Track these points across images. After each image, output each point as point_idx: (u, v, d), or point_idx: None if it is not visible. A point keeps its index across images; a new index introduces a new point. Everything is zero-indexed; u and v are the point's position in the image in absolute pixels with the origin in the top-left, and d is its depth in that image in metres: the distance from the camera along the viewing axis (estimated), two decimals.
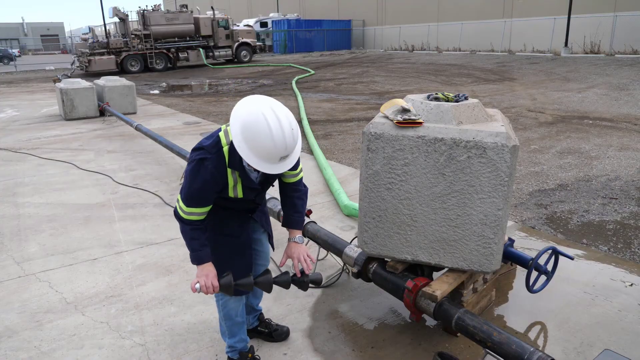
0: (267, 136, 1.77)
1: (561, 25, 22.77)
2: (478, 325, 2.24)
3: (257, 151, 1.81)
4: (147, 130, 6.98)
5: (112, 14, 24.05)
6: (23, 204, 5.01)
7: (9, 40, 64.94)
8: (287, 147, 1.83)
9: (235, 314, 2.35)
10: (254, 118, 1.78)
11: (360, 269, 2.81)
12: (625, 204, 4.65)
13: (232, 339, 2.41)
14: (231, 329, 2.38)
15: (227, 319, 2.35)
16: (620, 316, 2.81)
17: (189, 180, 1.95)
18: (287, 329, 2.72)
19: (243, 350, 2.43)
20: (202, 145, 1.95)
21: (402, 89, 14.01)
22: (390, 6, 34.52)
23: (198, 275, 2.04)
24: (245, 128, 1.79)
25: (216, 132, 2.01)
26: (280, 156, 1.84)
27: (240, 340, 2.42)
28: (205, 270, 2.04)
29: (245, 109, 1.83)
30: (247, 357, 2.42)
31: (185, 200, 1.97)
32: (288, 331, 2.71)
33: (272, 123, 1.77)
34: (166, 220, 4.50)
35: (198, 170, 1.91)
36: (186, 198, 1.97)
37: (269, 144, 1.78)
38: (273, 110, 1.81)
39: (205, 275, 2.02)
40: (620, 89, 12.13)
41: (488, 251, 2.43)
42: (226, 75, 20.95)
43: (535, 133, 7.79)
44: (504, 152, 2.26)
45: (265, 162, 1.83)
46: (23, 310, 3.03)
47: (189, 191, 1.96)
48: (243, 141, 1.80)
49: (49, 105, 12.68)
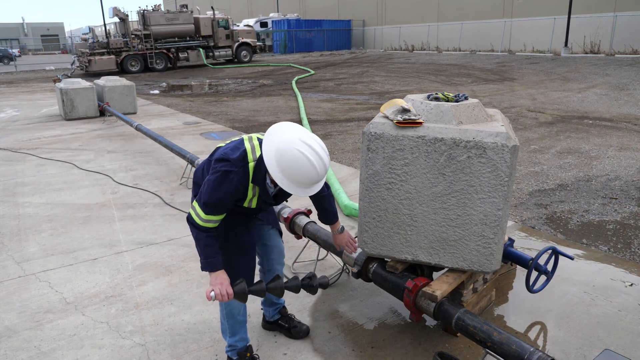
0: (308, 169, 1.89)
1: (561, 25, 22.78)
2: (478, 325, 2.24)
3: (295, 180, 1.92)
4: (147, 130, 6.99)
5: (112, 14, 24.05)
6: (23, 204, 5.02)
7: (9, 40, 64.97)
8: (323, 174, 1.97)
9: (238, 312, 2.37)
10: (292, 153, 1.87)
11: (360, 269, 2.81)
12: (625, 204, 4.65)
13: (232, 337, 2.41)
14: (233, 328, 2.39)
15: (229, 317, 2.37)
16: (620, 316, 2.81)
17: (210, 189, 1.98)
18: (307, 327, 2.72)
19: (242, 350, 2.43)
20: (228, 157, 1.98)
21: (402, 89, 14.01)
22: (390, 6, 34.52)
23: (212, 283, 2.07)
24: (282, 161, 1.88)
25: (240, 145, 2.05)
26: (316, 182, 1.98)
27: (240, 340, 2.42)
28: (220, 278, 2.07)
29: (279, 143, 1.91)
30: (245, 356, 2.42)
31: (204, 207, 2.00)
32: (307, 330, 2.71)
33: (311, 157, 1.88)
34: (166, 220, 4.50)
35: (222, 182, 1.96)
36: (206, 206, 2.00)
37: (311, 174, 1.91)
38: (307, 143, 1.90)
39: (220, 283, 2.06)
40: (620, 89, 12.14)
41: (488, 251, 2.43)
42: (226, 75, 20.95)
43: (535, 133, 7.79)
44: (504, 152, 2.26)
45: (301, 187, 1.96)
46: (23, 310, 3.03)
47: (209, 200, 1.98)
48: (280, 172, 1.90)
49: (49, 105, 12.68)
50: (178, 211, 4.71)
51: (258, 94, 14.21)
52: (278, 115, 10.26)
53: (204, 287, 3.25)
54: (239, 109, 11.45)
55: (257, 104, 12.11)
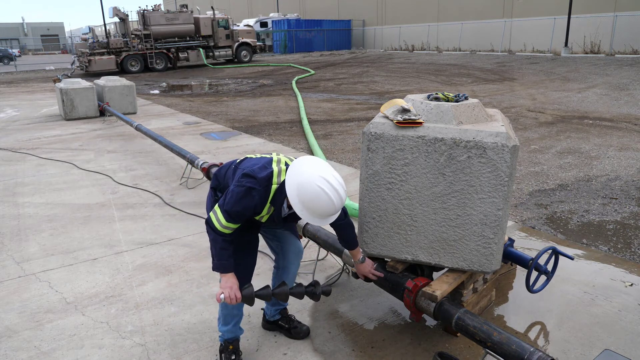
0: (326, 203, 2.07)
1: (561, 25, 22.78)
2: (478, 325, 2.24)
3: (313, 212, 2.10)
4: (147, 130, 6.98)
5: (112, 14, 24.05)
6: (23, 204, 5.02)
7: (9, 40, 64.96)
8: (340, 208, 2.15)
9: (235, 306, 2.45)
10: (312, 189, 2.05)
11: None
12: (625, 204, 4.65)
13: (224, 326, 2.49)
14: (225, 318, 2.48)
15: (224, 307, 2.45)
16: (620, 316, 2.81)
17: (233, 201, 2.12)
18: (307, 328, 2.74)
19: (228, 339, 2.50)
20: (255, 175, 2.14)
21: (402, 89, 14.02)
22: (390, 6, 34.52)
23: (222, 286, 2.19)
24: (303, 194, 2.07)
25: (269, 165, 2.21)
26: (332, 214, 2.17)
27: (229, 331, 2.49)
28: (229, 282, 2.20)
29: (301, 177, 2.08)
30: (228, 347, 2.49)
31: (226, 215, 2.14)
32: (308, 330, 2.73)
33: (329, 192, 2.06)
34: (166, 220, 4.50)
35: (244, 196, 2.12)
36: (227, 214, 2.14)
37: (329, 208, 2.09)
38: (327, 179, 2.07)
39: (230, 287, 2.19)
40: (620, 89, 12.14)
41: (488, 251, 2.43)
42: (226, 75, 20.95)
43: (535, 133, 7.79)
44: (504, 152, 2.26)
45: (318, 218, 2.14)
46: (23, 310, 3.03)
47: (231, 210, 2.13)
48: (300, 204, 2.09)
49: (49, 105, 12.68)
50: (178, 211, 4.71)
51: (258, 94, 14.21)
52: (278, 116, 10.26)
53: (204, 287, 3.25)
54: (239, 108, 11.46)
55: (257, 104, 12.11)
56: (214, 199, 2.45)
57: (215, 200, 2.41)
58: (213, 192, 2.46)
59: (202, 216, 4.51)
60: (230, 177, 2.32)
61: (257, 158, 2.35)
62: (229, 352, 2.49)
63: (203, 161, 4.97)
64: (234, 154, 6.90)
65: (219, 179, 2.43)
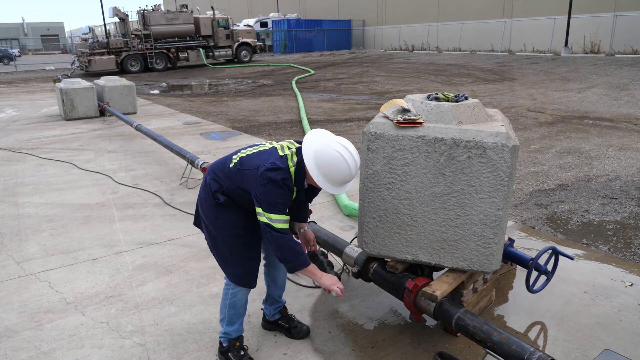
0: (343, 167, 2.14)
1: (561, 25, 22.77)
2: (478, 325, 2.24)
3: (330, 178, 2.17)
4: (147, 130, 6.98)
5: (112, 14, 24.04)
6: (23, 204, 5.02)
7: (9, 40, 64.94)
8: (355, 174, 2.21)
9: (241, 305, 2.46)
10: (330, 153, 2.13)
11: (360, 269, 2.81)
12: (625, 204, 4.65)
13: (229, 327, 2.48)
14: (231, 318, 2.47)
15: (231, 307, 2.44)
16: (620, 316, 2.81)
17: (273, 197, 2.15)
18: (307, 327, 2.74)
19: (234, 339, 2.50)
20: (279, 166, 2.18)
21: (402, 89, 14.01)
22: (390, 6, 34.51)
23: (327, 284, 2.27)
24: (320, 160, 2.14)
25: (274, 152, 2.24)
26: (348, 181, 2.24)
27: (236, 330, 2.49)
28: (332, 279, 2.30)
29: (317, 144, 2.17)
30: (234, 345, 2.49)
31: (277, 211, 2.17)
32: (308, 330, 2.73)
33: (346, 156, 2.13)
34: (166, 220, 4.50)
35: (280, 187, 2.16)
36: (278, 210, 2.17)
37: (345, 173, 2.16)
38: (343, 145, 2.17)
39: (334, 282, 2.29)
40: (620, 89, 12.14)
41: (488, 251, 2.43)
42: (226, 75, 20.95)
43: (535, 133, 7.79)
44: (504, 152, 2.26)
45: (335, 185, 2.21)
46: (23, 310, 3.03)
47: (275, 206, 2.17)
48: (317, 169, 2.16)
49: (49, 105, 12.68)
50: (178, 211, 4.71)
51: (258, 94, 14.21)
52: (278, 116, 10.26)
53: (204, 287, 3.25)
54: (239, 109, 11.45)
55: (257, 104, 12.11)
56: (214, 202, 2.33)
57: (217, 204, 2.32)
58: (213, 196, 2.33)
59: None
60: (235, 179, 2.27)
61: (256, 153, 2.30)
62: (238, 349, 2.48)
63: (203, 161, 4.98)
64: None
65: (220, 183, 2.32)
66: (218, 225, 2.34)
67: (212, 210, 2.35)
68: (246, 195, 2.25)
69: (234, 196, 2.29)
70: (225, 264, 2.42)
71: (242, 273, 2.39)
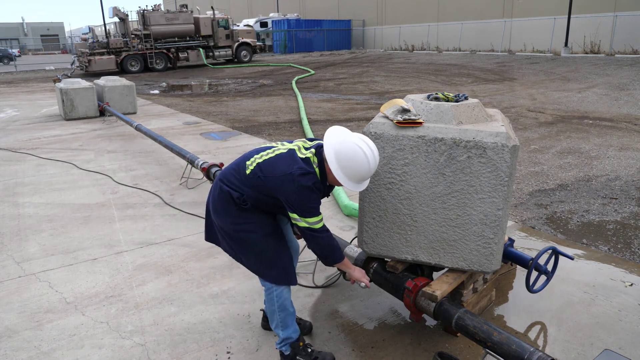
0: (363, 162, 2.14)
1: (561, 25, 22.77)
2: (478, 325, 2.24)
3: (351, 175, 2.17)
4: (147, 130, 6.98)
5: (112, 14, 24.03)
6: (23, 204, 5.01)
7: (9, 40, 64.93)
8: (374, 170, 2.22)
9: (289, 303, 2.41)
10: (351, 148, 2.14)
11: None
12: (625, 204, 4.65)
13: (286, 330, 2.41)
14: (285, 320, 2.40)
15: (282, 309, 2.38)
16: (620, 316, 2.81)
17: (307, 201, 2.17)
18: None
19: (295, 341, 2.44)
20: (308, 170, 2.19)
21: (402, 89, 14.01)
22: (390, 6, 34.51)
23: (357, 277, 2.42)
24: (341, 155, 2.14)
25: (295, 156, 2.22)
26: (366, 178, 2.24)
27: (294, 331, 2.44)
28: (361, 271, 2.45)
29: (339, 139, 2.17)
30: (299, 346, 2.43)
31: (313, 213, 2.20)
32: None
33: (367, 152, 2.14)
34: (166, 220, 4.50)
35: (314, 191, 2.18)
36: (314, 212, 2.20)
37: (364, 167, 2.15)
38: (364, 140, 2.17)
39: (363, 275, 2.44)
40: (620, 89, 12.14)
41: (488, 251, 2.43)
42: (226, 75, 20.95)
43: (535, 133, 7.79)
44: (504, 152, 2.26)
45: (357, 183, 2.22)
46: (23, 310, 3.03)
47: (310, 210, 2.19)
48: (341, 170, 2.16)
49: (49, 105, 12.68)
50: (178, 211, 4.71)
51: (258, 94, 14.21)
52: (278, 116, 10.26)
53: (204, 287, 3.25)
54: (239, 108, 11.45)
55: (257, 104, 12.10)
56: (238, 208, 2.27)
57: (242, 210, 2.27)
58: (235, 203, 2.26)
59: (202, 216, 4.51)
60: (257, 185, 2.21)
61: (273, 158, 2.23)
62: (304, 349, 2.44)
63: (203, 161, 4.98)
64: (234, 153, 6.90)
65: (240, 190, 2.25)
66: (248, 230, 2.29)
67: (238, 217, 2.29)
68: (270, 200, 2.24)
69: (255, 202, 2.26)
70: (262, 268, 2.36)
71: (282, 271, 2.35)
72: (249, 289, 3.20)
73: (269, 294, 2.39)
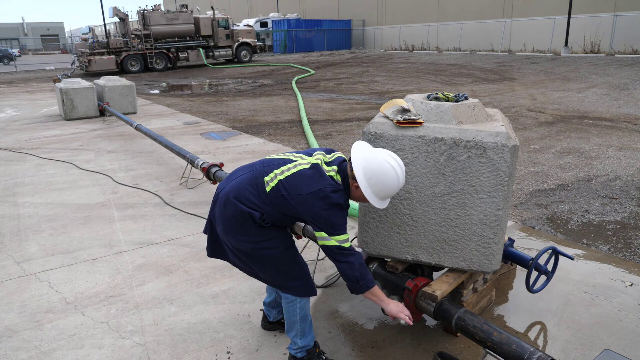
0: (392, 178, 2.10)
1: (561, 25, 22.78)
2: (478, 325, 2.24)
3: (379, 190, 2.12)
4: (147, 130, 6.98)
5: (112, 14, 24.04)
6: (23, 204, 5.01)
7: (9, 40, 64.96)
8: (401, 187, 2.18)
9: (309, 312, 2.42)
10: (380, 163, 2.09)
11: None
12: (625, 204, 4.65)
13: (304, 339, 2.40)
14: (304, 329, 2.39)
15: (303, 320, 2.38)
16: (620, 316, 2.81)
17: (337, 218, 2.11)
18: None
19: (311, 348, 2.44)
20: (338, 188, 2.13)
21: (402, 89, 14.01)
22: (390, 6, 34.51)
23: (394, 312, 2.23)
24: (369, 170, 2.09)
25: (320, 170, 2.14)
26: (391, 195, 2.19)
27: (312, 338, 2.44)
28: (399, 306, 2.26)
29: (366, 160, 2.12)
30: (314, 352, 2.43)
31: (341, 231, 2.11)
32: None
33: (397, 169, 2.10)
34: (166, 220, 4.50)
35: (343, 209, 2.15)
36: (341, 231, 2.12)
37: (393, 184, 2.12)
38: (393, 157, 2.13)
39: (401, 309, 2.25)
40: (620, 89, 12.14)
41: (488, 251, 2.43)
42: (226, 75, 20.95)
43: (535, 133, 7.79)
44: (504, 152, 2.26)
45: (381, 199, 2.17)
46: (23, 310, 3.03)
47: (340, 227, 2.12)
48: (365, 178, 2.10)
49: (49, 105, 12.68)
50: (178, 211, 4.71)
51: (258, 94, 14.21)
52: (278, 115, 10.26)
53: (203, 287, 3.25)
54: (239, 108, 11.46)
55: (257, 104, 12.11)
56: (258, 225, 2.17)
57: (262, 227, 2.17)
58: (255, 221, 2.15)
59: (202, 216, 4.51)
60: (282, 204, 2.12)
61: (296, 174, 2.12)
62: (319, 355, 2.44)
63: (203, 161, 4.98)
64: (234, 153, 6.90)
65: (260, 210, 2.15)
66: (268, 247, 2.21)
67: (258, 236, 2.18)
68: (290, 219, 2.20)
69: (274, 220, 2.18)
70: (285, 281, 2.30)
71: (304, 282, 2.32)
72: (249, 289, 3.20)
73: (292, 305, 2.34)
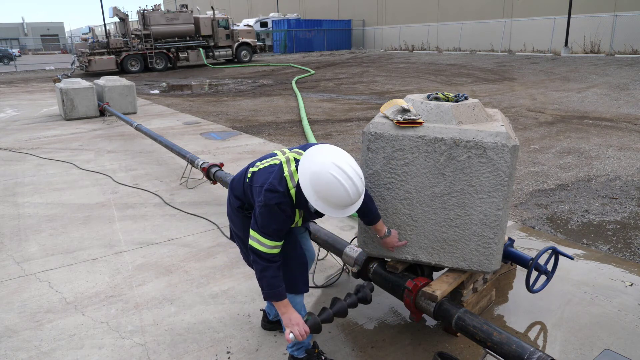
0: (341, 193, 1.95)
1: (561, 25, 22.78)
2: (478, 325, 2.24)
3: (329, 203, 1.99)
4: (147, 130, 6.99)
5: (112, 14, 24.04)
6: (23, 204, 5.01)
7: (9, 40, 64.95)
8: (357, 198, 2.03)
9: (301, 309, 2.42)
10: (326, 179, 1.94)
11: (360, 269, 2.81)
12: (625, 203, 4.65)
13: (298, 346, 2.41)
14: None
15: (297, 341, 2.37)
16: (620, 316, 2.81)
17: (267, 221, 2.05)
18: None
19: (309, 346, 2.45)
20: (277, 189, 2.04)
21: (402, 89, 14.01)
22: (390, 6, 34.51)
23: (288, 325, 2.11)
24: (317, 185, 1.96)
25: (278, 170, 2.10)
26: (350, 205, 2.05)
27: (307, 344, 2.45)
28: (294, 319, 2.11)
29: (314, 166, 1.98)
30: (313, 353, 2.44)
31: (267, 236, 2.06)
32: None
33: (344, 181, 1.94)
34: (166, 220, 4.50)
35: (276, 212, 2.05)
36: (268, 235, 2.06)
37: (344, 198, 1.97)
38: (341, 167, 1.95)
39: (297, 324, 2.10)
40: (620, 89, 12.14)
41: (488, 251, 2.43)
42: (226, 75, 20.95)
43: (535, 133, 7.79)
44: (504, 152, 2.26)
45: (339, 210, 2.04)
46: (23, 310, 3.03)
47: (268, 230, 2.06)
48: (315, 195, 1.98)
49: (49, 105, 12.68)
50: (178, 211, 4.71)
51: (258, 94, 14.21)
52: (278, 115, 10.26)
53: (203, 287, 3.25)
54: (239, 108, 11.46)
55: (257, 104, 12.11)
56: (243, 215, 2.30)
57: (247, 217, 2.27)
58: (239, 210, 2.31)
59: (202, 216, 4.51)
60: (250, 195, 2.22)
61: (266, 168, 2.18)
62: (319, 356, 2.44)
63: (203, 161, 4.98)
64: (234, 153, 6.90)
65: (241, 199, 2.29)
66: None
67: (245, 225, 2.28)
68: None
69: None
70: None
71: (290, 277, 2.31)
72: (249, 289, 3.20)
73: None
